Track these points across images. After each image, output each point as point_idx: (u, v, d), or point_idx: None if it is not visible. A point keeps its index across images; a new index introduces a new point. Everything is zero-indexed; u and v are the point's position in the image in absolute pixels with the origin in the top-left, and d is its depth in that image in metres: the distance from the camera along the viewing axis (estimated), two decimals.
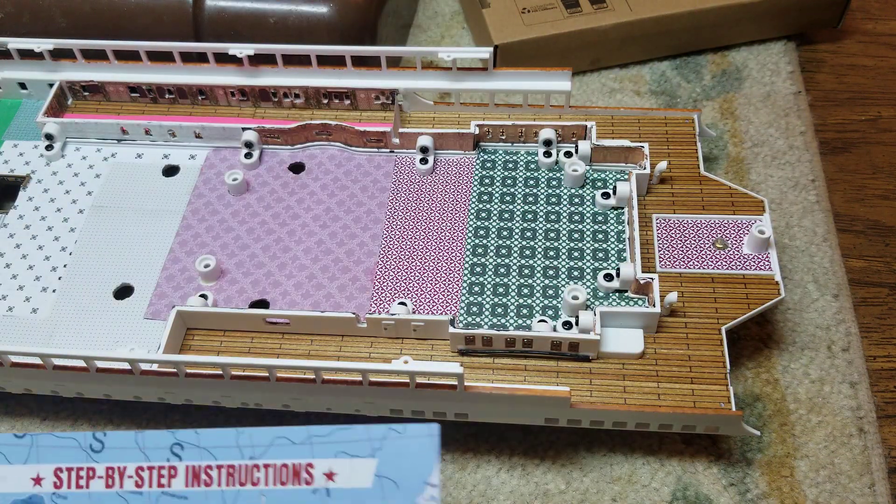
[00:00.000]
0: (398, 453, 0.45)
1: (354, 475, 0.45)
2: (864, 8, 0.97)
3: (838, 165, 0.83)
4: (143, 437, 0.47)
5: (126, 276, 0.67)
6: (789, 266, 0.74)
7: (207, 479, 0.46)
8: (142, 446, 0.47)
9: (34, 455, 0.47)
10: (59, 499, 0.47)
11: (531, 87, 0.74)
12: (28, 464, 0.47)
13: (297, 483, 0.45)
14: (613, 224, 0.68)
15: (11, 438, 0.48)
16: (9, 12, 0.81)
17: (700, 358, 0.61)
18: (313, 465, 0.45)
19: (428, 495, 0.44)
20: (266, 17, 0.79)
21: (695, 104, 0.86)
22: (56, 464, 0.47)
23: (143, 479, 0.46)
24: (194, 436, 0.47)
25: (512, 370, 0.61)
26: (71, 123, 0.75)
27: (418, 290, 0.65)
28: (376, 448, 0.45)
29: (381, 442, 0.45)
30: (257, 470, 0.46)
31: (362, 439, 0.45)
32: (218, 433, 0.47)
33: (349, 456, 0.45)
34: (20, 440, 0.48)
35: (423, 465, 0.44)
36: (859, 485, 0.62)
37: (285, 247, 0.68)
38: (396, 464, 0.45)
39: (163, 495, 0.46)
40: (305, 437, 0.46)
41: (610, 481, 0.63)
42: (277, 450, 0.46)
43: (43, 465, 0.47)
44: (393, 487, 0.44)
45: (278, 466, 0.46)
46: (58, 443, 0.48)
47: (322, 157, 0.74)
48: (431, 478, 0.44)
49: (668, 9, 0.86)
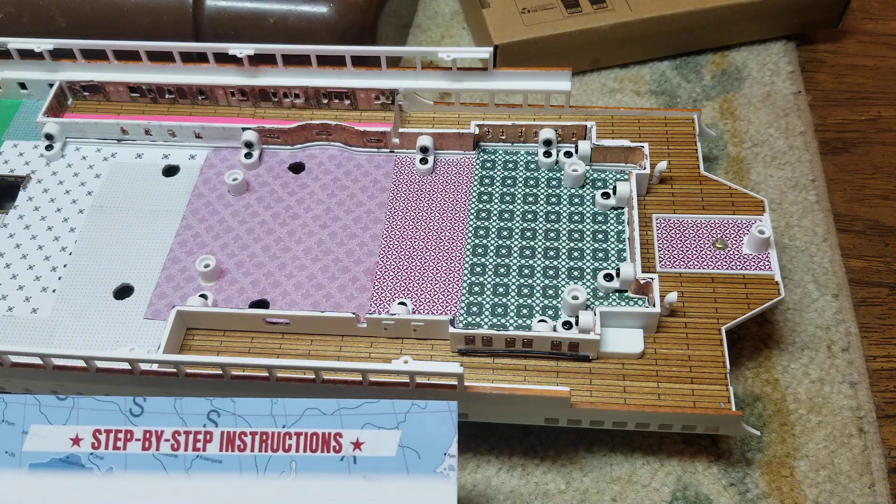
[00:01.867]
0: (420, 426, 0.49)
1: (380, 445, 0.48)
2: (864, 8, 0.97)
3: (838, 165, 0.83)
4: (181, 403, 0.50)
5: (126, 276, 0.67)
6: (789, 266, 0.74)
7: (241, 444, 0.49)
8: (180, 412, 0.49)
9: (74, 416, 0.49)
10: (96, 459, 0.49)
11: (531, 87, 0.74)
12: (68, 425, 0.49)
13: (326, 451, 0.49)
14: (613, 224, 0.68)
15: (53, 400, 0.50)
16: (9, 12, 0.81)
17: (700, 358, 0.61)
18: (342, 435, 0.49)
19: (447, 465, 0.48)
20: (266, 17, 0.79)
21: (695, 104, 0.86)
22: (95, 426, 0.49)
23: (179, 442, 0.49)
24: (231, 404, 0.50)
25: (512, 370, 0.61)
26: (71, 123, 0.75)
27: (418, 290, 0.65)
28: (400, 421, 0.49)
29: (405, 415, 0.49)
30: (289, 437, 0.49)
31: (388, 412, 0.49)
32: (253, 402, 0.50)
33: (375, 427, 0.49)
34: (62, 402, 0.50)
35: (443, 438, 0.48)
36: (859, 485, 0.62)
37: (285, 247, 0.68)
38: (418, 436, 0.48)
39: (198, 458, 0.49)
40: (335, 408, 0.49)
41: (610, 481, 0.63)
42: (309, 419, 0.49)
43: (82, 426, 0.49)
44: (415, 457, 0.48)
45: (309, 435, 0.49)
46: (98, 406, 0.50)
47: (322, 157, 0.74)
48: (450, 449, 0.48)
49: (668, 9, 0.86)
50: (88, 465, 0.48)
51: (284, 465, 0.48)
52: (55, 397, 0.50)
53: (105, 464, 0.49)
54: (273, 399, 0.50)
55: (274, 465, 0.48)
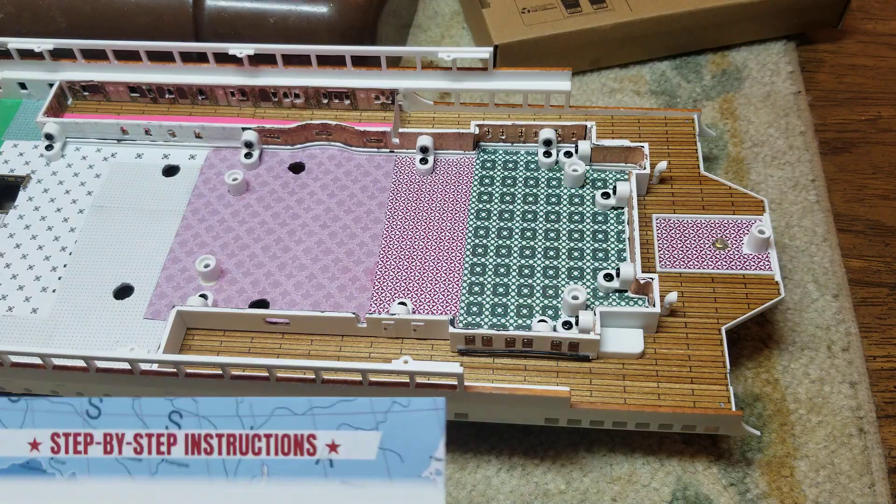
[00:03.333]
0: (403, 427, 0.45)
1: (358, 447, 0.45)
2: (864, 8, 0.97)
3: (838, 165, 0.83)
4: (139, 404, 0.47)
5: (126, 276, 0.67)
6: (789, 266, 0.74)
7: (208, 447, 0.46)
8: (139, 413, 0.47)
9: (30, 419, 0.47)
10: (57, 464, 0.46)
11: (531, 87, 0.74)
12: (24, 428, 0.47)
13: (299, 454, 0.45)
14: (613, 224, 0.68)
15: (6, 402, 0.47)
16: (9, 12, 0.81)
17: (700, 358, 0.61)
18: (315, 437, 0.45)
19: (433, 469, 0.44)
20: (266, 17, 0.79)
21: (695, 104, 0.86)
22: (53, 429, 0.47)
23: (141, 446, 0.46)
24: (192, 404, 0.47)
25: (512, 370, 0.61)
26: (71, 123, 0.75)
27: (418, 290, 0.65)
28: (380, 421, 0.45)
29: (385, 415, 0.45)
30: (258, 440, 0.46)
31: (366, 412, 0.45)
32: (217, 402, 0.47)
33: (352, 428, 0.45)
34: (15, 404, 0.47)
35: (429, 439, 0.44)
36: (859, 485, 0.62)
37: (285, 247, 0.68)
38: (401, 437, 0.45)
39: (163, 462, 0.46)
40: (307, 407, 0.46)
41: (610, 481, 0.63)
42: (278, 420, 0.46)
43: (39, 429, 0.47)
44: (397, 461, 0.44)
45: (280, 437, 0.46)
46: (53, 408, 0.47)
47: (322, 157, 0.74)
48: (437, 452, 0.44)
49: (668, 9, 0.86)
50: (50, 470, 0.46)
51: (255, 469, 0.46)
52: (7, 399, 0.47)
53: (67, 469, 0.46)
54: (238, 399, 0.47)
55: (244, 469, 0.46)
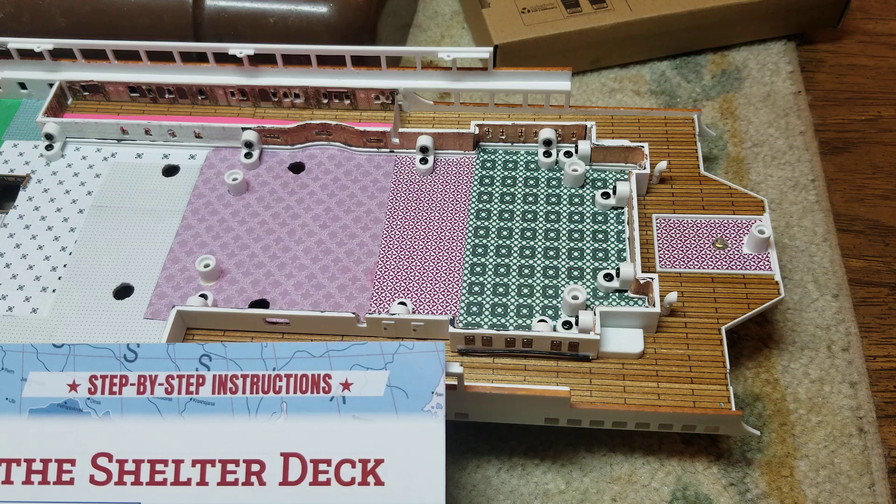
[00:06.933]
0: (408, 366, 0.50)
1: (368, 385, 0.50)
2: (864, 8, 0.97)
3: (838, 165, 0.83)
4: (173, 348, 0.51)
5: (126, 276, 0.67)
6: (789, 266, 0.74)
7: (233, 387, 0.50)
8: (172, 357, 0.51)
9: (71, 363, 0.51)
10: (93, 403, 0.50)
11: (531, 86, 0.74)
12: (65, 371, 0.51)
13: (315, 392, 0.50)
14: (613, 224, 0.68)
15: (50, 348, 0.51)
16: (9, 12, 0.81)
17: (700, 358, 0.61)
18: (331, 376, 0.50)
19: (434, 403, 0.49)
20: (266, 17, 0.79)
21: (695, 104, 0.87)
22: (91, 371, 0.51)
23: (172, 386, 0.51)
24: (221, 348, 0.51)
25: (512, 370, 0.61)
26: (71, 123, 0.75)
27: (418, 289, 0.65)
28: (388, 361, 0.50)
29: (392, 356, 0.50)
30: (279, 379, 0.51)
31: (376, 353, 0.50)
32: (244, 346, 0.51)
33: (364, 368, 0.50)
34: (58, 349, 0.51)
35: (431, 377, 0.50)
36: (859, 485, 0.62)
37: (285, 247, 0.68)
38: (406, 376, 0.50)
39: (191, 401, 0.50)
40: (324, 350, 0.51)
41: (610, 481, 0.63)
42: (298, 362, 0.51)
43: (79, 372, 0.51)
44: (403, 396, 0.49)
45: (298, 377, 0.50)
46: (93, 352, 0.51)
47: (322, 156, 0.74)
48: (438, 388, 0.49)
49: (668, 9, 0.86)
50: (86, 409, 0.50)
51: (275, 407, 0.50)
52: (52, 345, 0.51)
53: (102, 408, 0.50)
54: (262, 343, 0.51)
55: (265, 407, 0.50)
